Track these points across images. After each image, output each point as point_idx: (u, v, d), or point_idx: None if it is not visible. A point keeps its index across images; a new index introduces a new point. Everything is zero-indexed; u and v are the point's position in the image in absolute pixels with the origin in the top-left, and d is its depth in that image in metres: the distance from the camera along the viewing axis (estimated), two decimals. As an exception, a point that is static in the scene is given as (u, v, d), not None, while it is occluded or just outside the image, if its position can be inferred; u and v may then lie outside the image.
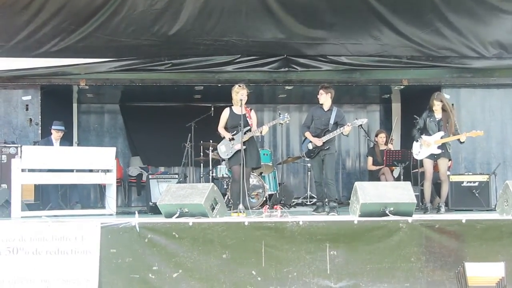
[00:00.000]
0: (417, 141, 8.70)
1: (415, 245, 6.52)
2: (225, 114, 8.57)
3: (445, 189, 8.69)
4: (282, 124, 9.14)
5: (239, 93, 8.36)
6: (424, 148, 8.58)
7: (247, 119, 8.37)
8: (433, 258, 6.52)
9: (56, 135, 9.65)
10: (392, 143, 10.94)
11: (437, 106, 8.60)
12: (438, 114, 8.63)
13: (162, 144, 12.50)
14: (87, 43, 10.15)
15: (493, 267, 6.27)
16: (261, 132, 8.42)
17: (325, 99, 8.61)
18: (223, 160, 9.29)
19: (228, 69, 10.60)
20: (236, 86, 8.49)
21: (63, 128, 9.73)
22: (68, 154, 8.82)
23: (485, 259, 6.39)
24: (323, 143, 8.45)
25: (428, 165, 8.62)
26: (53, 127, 9.67)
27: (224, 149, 8.53)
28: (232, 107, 8.55)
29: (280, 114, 8.66)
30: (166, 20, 10.14)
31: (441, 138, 8.50)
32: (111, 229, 6.55)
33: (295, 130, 13.18)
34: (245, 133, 8.24)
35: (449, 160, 8.88)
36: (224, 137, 8.54)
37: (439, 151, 8.51)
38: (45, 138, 9.94)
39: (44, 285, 6.43)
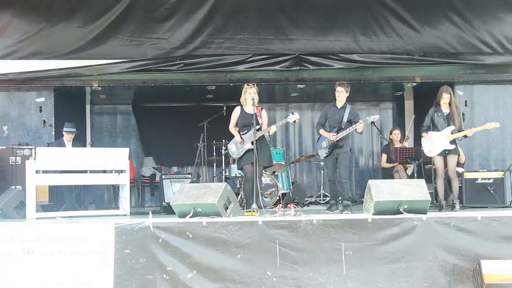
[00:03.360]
0: (422, 136, 8.58)
1: (431, 243, 6.48)
2: (236, 113, 8.56)
3: (455, 186, 8.52)
4: (293, 123, 9.12)
5: (247, 92, 8.36)
6: (435, 144, 8.44)
7: (258, 118, 8.34)
8: (450, 257, 6.47)
9: (67, 136, 9.67)
10: (407, 141, 10.87)
11: (446, 99, 8.44)
12: (445, 109, 8.46)
13: (175, 144, 12.52)
14: (98, 43, 10.23)
15: (510, 265, 6.23)
16: (268, 132, 8.39)
17: (344, 97, 8.54)
18: (234, 160, 9.29)
19: (240, 68, 10.59)
20: (245, 85, 8.49)
21: (74, 130, 9.76)
22: (82, 155, 8.85)
23: (501, 256, 6.35)
24: (337, 141, 8.41)
25: (439, 162, 8.49)
26: (64, 129, 9.69)
27: (234, 149, 8.52)
28: (243, 106, 8.54)
29: (292, 112, 8.62)
30: (177, 19, 10.18)
31: (452, 133, 8.37)
32: (125, 229, 6.58)
33: (307, 129, 13.16)
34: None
35: (458, 155, 8.74)
36: (234, 137, 8.54)
37: (452, 146, 8.38)
38: (57, 140, 9.97)
39: (59, 286, 6.47)
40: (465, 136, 8.51)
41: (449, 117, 8.43)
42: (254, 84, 8.48)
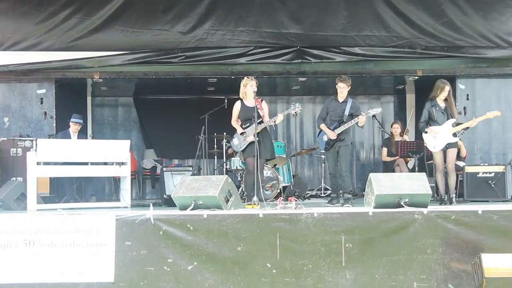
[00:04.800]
0: (425, 132, 8.52)
1: (431, 237, 6.49)
2: (237, 107, 8.54)
3: (453, 179, 8.42)
4: (294, 114, 9.09)
5: (248, 85, 8.34)
6: (439, 139, 8.40)
7: (259, 110, 8.32)
8: (449, 250, 6.49)
9: (74, 128, 9.68)
10: (408, 135, 10.87)
11: (446, 93, 8.42)
12: (441, 103, 8.43)
13: (176, 137, 12.52)
14: (99, 35, 10.23)
15: (510, 258, 6.23)
16: (275, 122, 8.37)
17: (346, 92, 8.51)
18: (237, 153, 9.29)
19: (242, 61, 10.58)
20: (245, 78, 8.46)
21: (81, 121, 9.79)
22: (83, 147, 8.86)
23: (502, 250, 6.35)
24: (338, 135, 8.40)
25: (439, 156, 8.45)
26: (71, 119, 9.70)
27: (237, 142, 8.52)
28: (243, 99, 8.52)
29: (293, 104, 8.61)
30: (178, 11, 10.17)
31: (453, 125, 8.34)
32: (126, 221, 6.59)
33: (308, 122, 13.15)
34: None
35: (457, 148, 8.72)
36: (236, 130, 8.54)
37: (455, 139, 8.35)
38: (62, 131, 9.97)
39: (60, 277, 6.49)
40: (467, 128, 8.50)
41: (447, 110, 8.40)
42: (253, 77, 8.47)
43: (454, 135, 8.36)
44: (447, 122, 8.35)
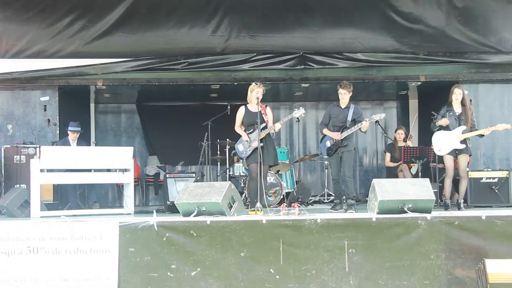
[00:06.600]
0: (434, 131, 8.51)
1: (435, 242, 6.49)
2: (241, 113, 8.56)
3: (464, 185, 8.52)
4: (298, 119, 9.06)
5: (254, 91, 8.36)
6: (446, 143, 8.38)
7: (263, 116, 8.34)
8: (453, 255, 6.48)
9: (72, 135, 9.71)
10: (411, 140, 10.86)
11: (458, 95, 8.39)
12: (457, 108, 8.45)
13: (179, 143, 12.53)
14: (102, 41, 10.25)
15: (514, 264, 6.22)
16: (274, 129, 8.38)
17: (347, 98, 8.53)
18: (241, 159, 9.30)
19: (244, 67, 10.58)
20: (253, 84, 8.49)
21: (79, 129, 9.80)
22: (86, 154, 8.86)
23: (506, 255, 6.34)
24: (341, 140, 8.40)
25: (449, 162, 8.44)
26: (69, 128, 9.73)
27: (242, 148, 8.52)
28: (248, 105, 8.54)
29: (296, 108, 8.61)
30: (181, 17, 10.19)
31: (463, 133, 8.34)
32: (130, 228, 6.60)
33: (311, 128, 13.15)
34: (261, 130, 8.20)
35: (469, 155, 8.74)
36: (241, 136, 8.53)
37: (462, 146, 8.34)
38: (62, 139, 10.00)
39: (64, 284, 6.51)
40: (482, 136, 8.50)
41: (460, 117, 8.40)
42: (261, 84, 8.48)
43: (463, 142, 8.34)
44: (458, 128, 8.36)
